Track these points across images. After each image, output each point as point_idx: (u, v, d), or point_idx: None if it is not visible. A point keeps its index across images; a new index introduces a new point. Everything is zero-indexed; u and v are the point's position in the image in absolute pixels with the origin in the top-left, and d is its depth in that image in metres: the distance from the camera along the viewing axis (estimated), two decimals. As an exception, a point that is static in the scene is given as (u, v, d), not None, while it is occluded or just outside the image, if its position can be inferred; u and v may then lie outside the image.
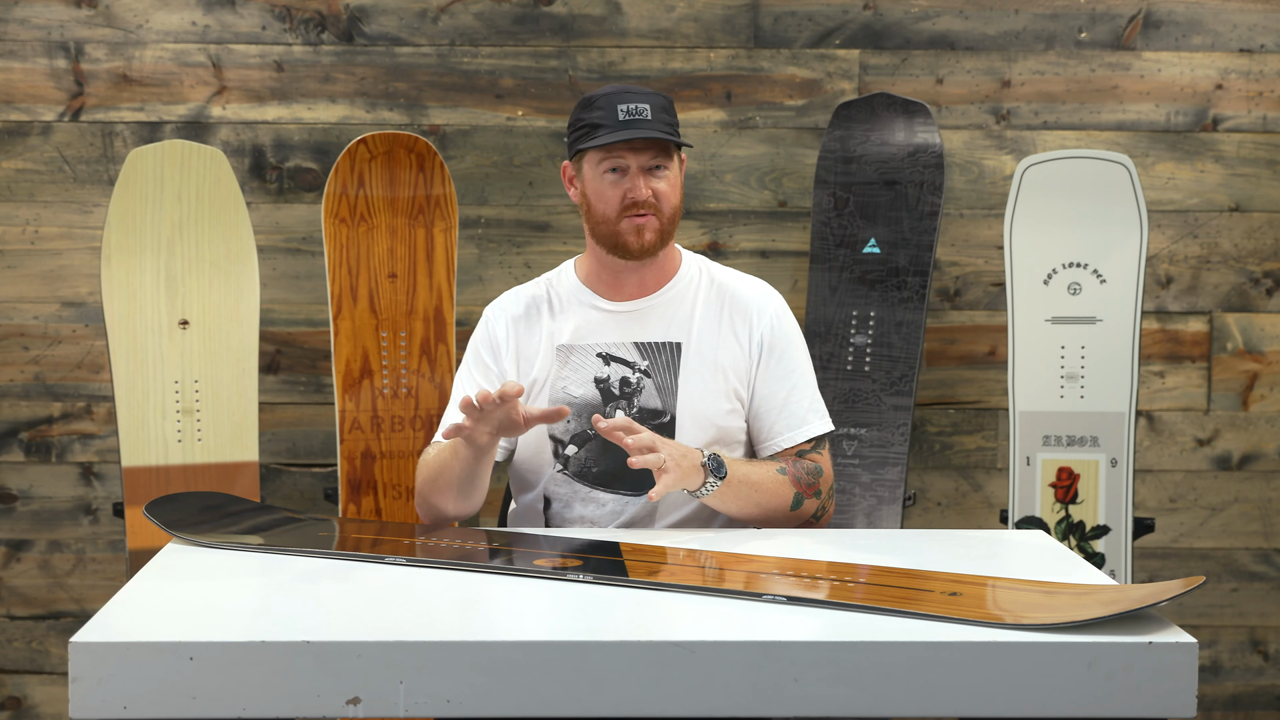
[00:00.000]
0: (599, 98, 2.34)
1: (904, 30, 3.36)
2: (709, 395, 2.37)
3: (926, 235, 3.16)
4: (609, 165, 2.33)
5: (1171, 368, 3.43)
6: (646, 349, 2.39)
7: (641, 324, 2.41)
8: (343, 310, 3.12)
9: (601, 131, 2.31)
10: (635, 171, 2.32)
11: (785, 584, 1.88)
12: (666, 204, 2.34)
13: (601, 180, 2.34)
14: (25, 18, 3.33)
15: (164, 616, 1.75)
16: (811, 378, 2.44)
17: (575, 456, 2.38)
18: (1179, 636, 1.62)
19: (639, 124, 2.30)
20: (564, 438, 2.38)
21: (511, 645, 1.62)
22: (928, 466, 3.44)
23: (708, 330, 2.40)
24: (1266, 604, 3.47)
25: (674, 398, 2.36)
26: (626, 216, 2.33)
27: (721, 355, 2.39)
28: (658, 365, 2.38)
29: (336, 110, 3.36)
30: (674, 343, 2.39)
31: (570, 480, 2.38)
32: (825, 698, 1.61)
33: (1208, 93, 3.38)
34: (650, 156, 2.32)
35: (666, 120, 2.34)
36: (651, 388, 2.37)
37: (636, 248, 2.34)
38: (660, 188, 2.33)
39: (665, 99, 2.37)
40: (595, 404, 2.37)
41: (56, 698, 3.45)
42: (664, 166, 2.33)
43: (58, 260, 3.37)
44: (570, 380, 2.39)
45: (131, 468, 3.05)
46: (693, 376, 2.37)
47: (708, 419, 2.36)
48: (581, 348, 2.40)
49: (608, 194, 2.34)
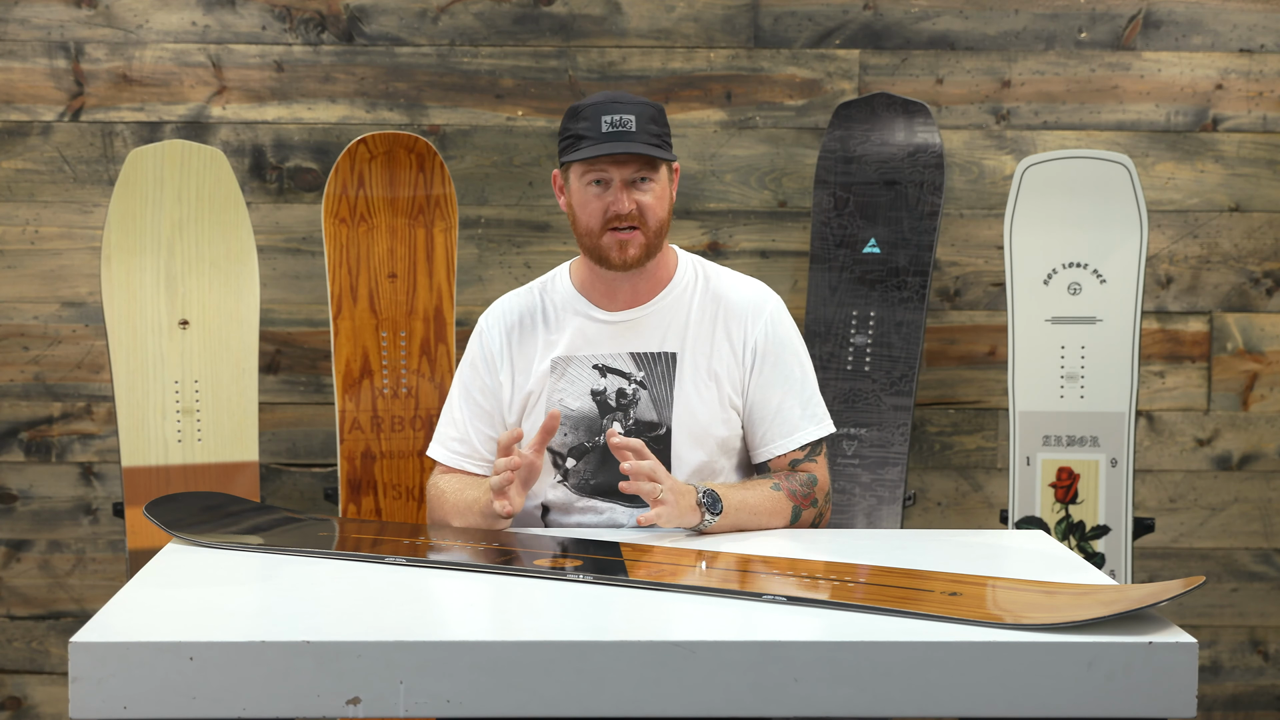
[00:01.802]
0: (585, 108, 2.31)
1: (904, 30, 3.36)
2: (704, 407, 2.35)
3: (926, 235, 3.16)
4: (592, 178, 2.31)
5: (1171, 368, 3.43)
6: (642, 359, 2.37)
7: (637, 334, 2.38)
8: (343, 310, 3.12)
9: (585, 144, 2.29)
10: (618, 184, 2.30)
11: (785, 584, 1.88)
12: (651, 217, 2.31)
13: (585, 192, 2.32)
14: (25, 18, 3.33)
15: (164, 616, 1.75)
16: (809, 381, 2.42)
17: (574, 469, 2.37)
18: (1179, 636, 1.62)
19: (622, 136, 2.27)
20: (562, 450, 2.37)
21: (511, 645, 1.62)
22: (928, 466, 3.44)
23: (702, 339, 2.38)
24: (1266, 604, 3.47)
25: (669, 410, 2.35)
26: (610, 230, 2.31)
27: (716, 364, 2.37)
28: (653, 376, 2.36)
29: (336, 110, 3.36)
30: (669, 353, 2.37)
31: (569, 491, 2.37)
32: (825, 698, 1.61)
33: (1208, 93, 3.38)
34: (634, 169, 2.29)
35: (653, 131, 2.30)
36: (647, 400, 2.35)
37: (619, 262, 2.32)
38: (644, 200, 2.30)
39: (654, 108, 2.33)
40: (593, 417, 2.36)
41: (56, 698, 3.45)
42: (648, 179, 2.30)
43: (58, 260, 3.37)
44: (567, 393, 2.38)
45: (131, 468, 3.05)
46: (688, 388, 2.35)
47: (703, 429, 2.35)
48: (577, 359, 2.39)
49: (591, 206, 2.32)
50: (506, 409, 2.41)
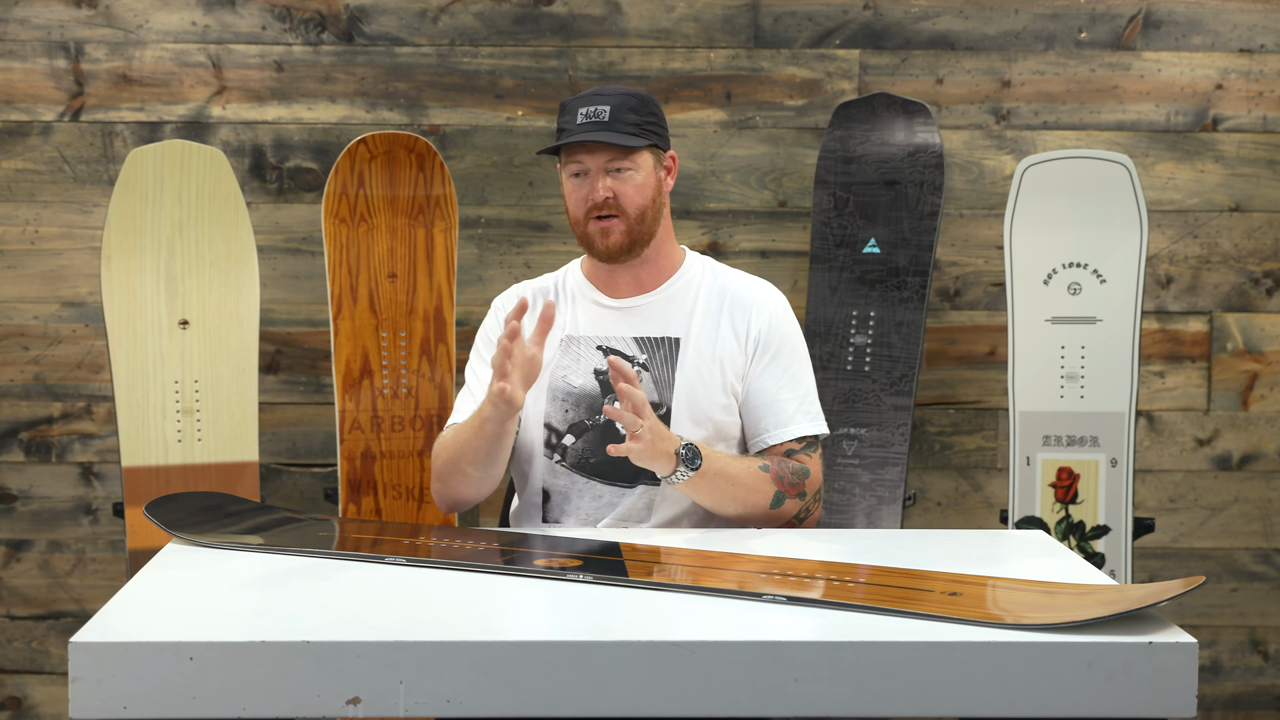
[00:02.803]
0: (571, 102, 2.39)
1: (904, 30, 3.36)
2: (705, 390, 2.38)
3: (926, 235, 3.16)
4: (573, 169, 2.38)
5: (1171, 368, 3.43)
6: (645, 343, 2.41)
7: (641, 319, 2.43)
8: (343, 310, 3.12)
9: (563, 136, 2.37)
10: (595, 173, 2.35)
11: (785, 584, 1.88)
12: (629, 204, 2.35)
13: (569, 184, 2.39)
14: (25, 18, 3.33)
15: (164, 616, 1.75)
16: (807, 381, 2.44)
17: (573, 447, 2.39)
18: (1179, 636, 1.62)
19: (594, 126, 2.33)
20: (561, 427, 2.40)
21: (511, 645, 1.62)
22: (928, 466, 3.44)
23: (707, 326, 2.42)
24: (1266, 604, 3.47)
25: (670, 391, 2.38)
26: (592, 219, 2.37)
27: (719, 350, 2.40)
28: (656, 359, 2.40)
29: (336, 110, 3.36)
30: (673, 338, 2.41)
31: (568, 471, 2.39)
32: (825, 698, 1.61)
33: (1208, 93, 3.38)
34: (607, 159, 2.34)
35: (630, 120, 2.34)
36: (649, 380, 2.39)
37: (603, 249, 2.37)
38: (622, 189, 2.35)
39: (636, 98, 2.37)
40: (594, 395, 2.39)
41: (56, 698, 3.45)
42: (624, 168, 2.35)
43: (58, 260, 3.37)
44: (571, 370, 2.41)
45: (131, 468, 3.05)
46: (690, 371, 2.39)
47: (703, 412, 2.37)
48: (584, 339, 2.43)
49: (574, 197, 2.38)
50: None
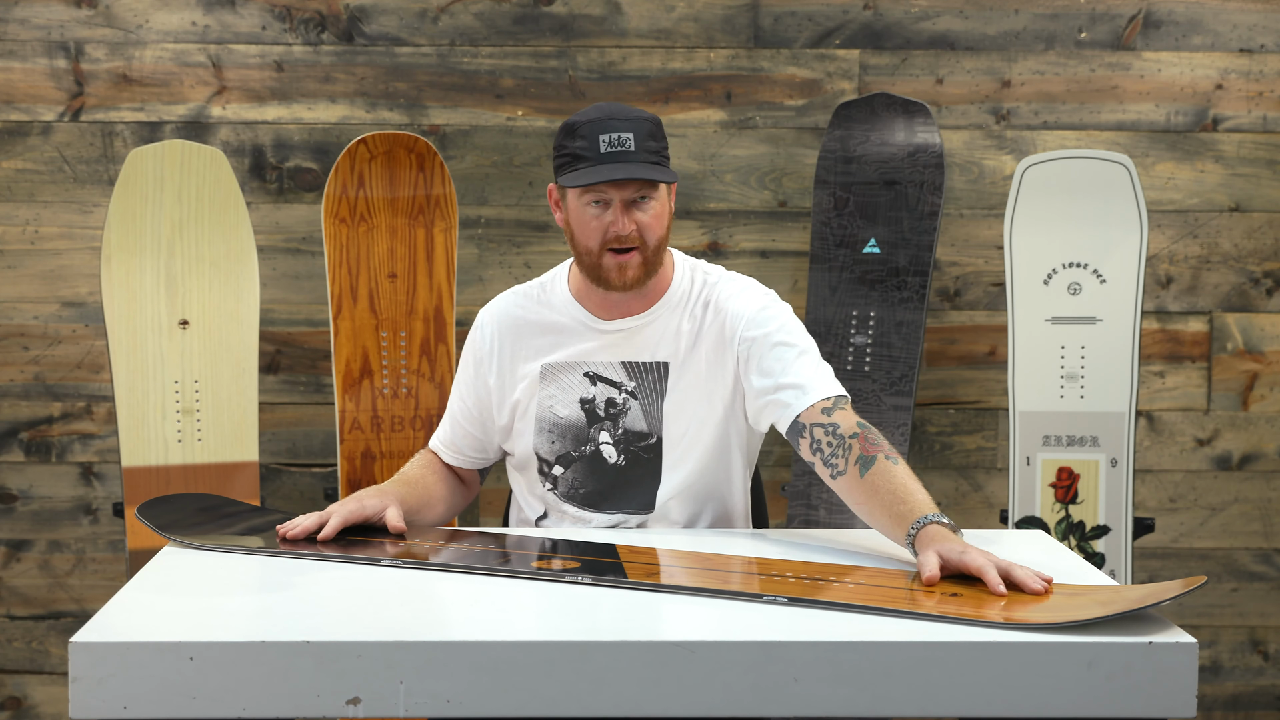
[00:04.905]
0: (582, 125, 2.26)
1: (904, 30, 3.36)
2: (696, 419, 2.31)
3: (926, 235, 3.16)
4: (591, 198, 2.26)
5: (1171, 368, 3.43)
6: (634, 369, 2.34)
7: (630, 343, 2.34)
8: (343, 310, 3.12)
9: (583, 165, 2.24)
10: (618, 205, 2.25)
11: (785, 584, 1.88)
12: (651, 236, 2.26)
13: (584, 212, 2.27)
14: (25, 18, 3.33)
15: (164, 616, 1.75)
16: (814, 353, 2.30)
17: (562, 477, 2.34)
18: (1179, 636, 1.62)
19: (622, 156, 2.23)
20: (549, 458, 2.35)
21: (511, 645, 1.62)
22: (928, 466, 3.43)
23: (696, 349, 2.32)
24: (1266, 604, 3.47)
25: (660, 421, 2.32)
26: (609, 251, 2.26)
27: (709, 373, 2.31)
28: (644, 387, 2.33)
29: (336, 110, 3.36)
30: (661, 363, 2.33)
31: (559, 501, 2.35)
32: (825, 698, 1.61)
33: (1208, 93, 3.38)
34: (634, 190, 2.24)
35: (651, 148, 2.26)
36: (638, 410, 2.32)
37: (619, 284, 2.28)
38: (644, 220, 2.26)
39: (651, 122, 2.28)
40: (580, 425, 2.33)
41: (56, 698, 3.45)
42: (648, 198, 2.26)
43: (58, 260, 3.37)
44: (556, 400, 2.35)
45: (131, 468, 3.05)
46: (679, 398, 2.31)
47: (694, 440, 2.31)
48: (569, 366, 2.35)
49: (590, 227, 2.27)
50: (495, 410, 2.40)
